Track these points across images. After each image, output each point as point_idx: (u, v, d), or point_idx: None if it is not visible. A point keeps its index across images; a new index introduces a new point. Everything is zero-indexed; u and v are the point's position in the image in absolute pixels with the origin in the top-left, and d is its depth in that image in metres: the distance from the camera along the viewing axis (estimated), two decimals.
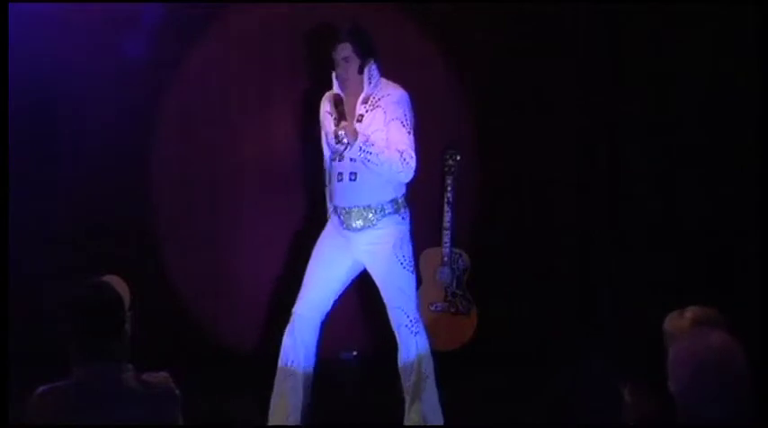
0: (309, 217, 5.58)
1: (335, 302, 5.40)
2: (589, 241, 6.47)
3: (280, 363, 5.32)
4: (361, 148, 5.13)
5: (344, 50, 5.24)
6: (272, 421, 5.33)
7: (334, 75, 5.31)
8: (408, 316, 5.28)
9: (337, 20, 5.89)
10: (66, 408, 3.23)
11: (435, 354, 5.44)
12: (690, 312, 3.37)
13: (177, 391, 3.38)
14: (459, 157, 6.34)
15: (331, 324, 6.39)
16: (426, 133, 6.41)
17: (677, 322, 3.38)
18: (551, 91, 6.44)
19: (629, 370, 3.74)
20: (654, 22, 6.29)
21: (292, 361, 5.30)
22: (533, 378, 6.08)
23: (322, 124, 5.42)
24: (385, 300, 5.31)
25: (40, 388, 3.29)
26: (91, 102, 6.27)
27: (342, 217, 5.29)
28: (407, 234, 5.34)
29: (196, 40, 6.37)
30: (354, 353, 6.50)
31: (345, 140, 5.16)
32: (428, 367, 5.29)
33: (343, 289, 5.41)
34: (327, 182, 5.44)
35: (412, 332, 5.27)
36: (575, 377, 5.62)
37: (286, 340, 5.31)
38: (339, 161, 5.23)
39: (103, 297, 3.34)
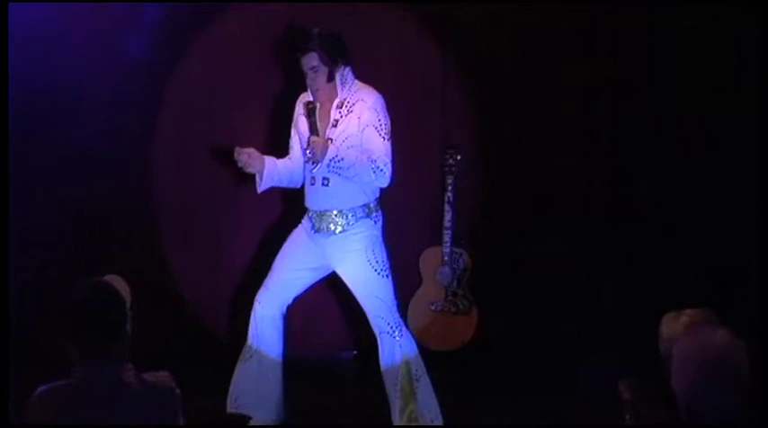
0: None
1: (298, 298, 5.40)
2: (589, 240, 6.47)
3: (244, 347, 5.36)
4: (329, 165, 5.09)
5: (311, 60, 5.14)
6: (231, 406, 5.36)
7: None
8: (389, 323, 5.24)
9: (335, 19, 5.90)
10: (67, 408, 3.23)
11: (436, 354, 5.44)
12: (686, 315, 3.35)
13: (178, 391, 3.38)
14: (459, 157, 6.34)
15: (330, 323, 6.42)
16: (427, 133, 6.44)
17: (673, 324, 3.36)
18: (552, 90, 6.44)
19: (629, 369, 3.73)
20: (654, 20, 6.29)
21: (250, 347, 5.33)
22: (533, 378, 6.08)
23: (295, 125, 5.38)
24: (364, 308, 5.29)
25: (41, 388, 3.28)
26: (91, 102, 6.28)
27: (313, 220, 5.27)
28: (379, 237, 5.27)
29: (196, 39, 6.37)
30: (354, 353, 6.50)
31: (312, 157, 5.14)
32: (419, 369, 5.26)
33: (306, 288, 5.42)
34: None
35: (394, 337, 5.24)
36: (575, 377, 5.62)
37: (249, 327, 5.35)
38: (313, 164, 5.21)
39: (104, 296, 3.34)
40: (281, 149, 5.50)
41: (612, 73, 6.41)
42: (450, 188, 6.34)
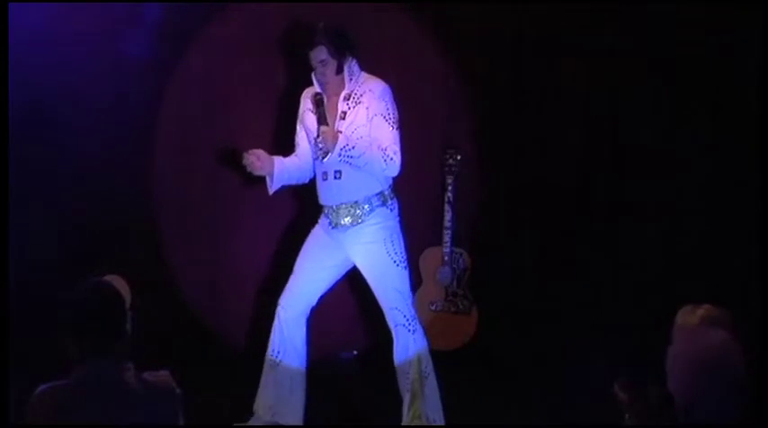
0: (311, 216, 5.57)
1: (322, 298, 5.40)
2: (589, 240, 6.47)
3: (267, 355, 5.35)
4: (340, 154, 5.10)
5: (320, 53, 5.18)
6: (256, 414, 5.35)
7: (313, 75, 5.29)
8: (405, 316, 5.26)
9: (335, 19, 5.90)
10: (67, 408, 3.23)
11: (436, 354, 5.43)
12: (702, 309, 3.34)
13: (178, 390, 3.38)
14: (459, 157, 6.34)
15: (331, 324, 6.41)
16: (426, 133, 6.43)
17: (688, 317, 3.36)
18: (551, 90, 6.44)
19: (628, 369, 3.73)
20: (654, 20, 6.29)
21: (278, 353, 5.32)
22: (533, 378, 6.08)
23: (301, 120, 5.39)
24: (380, 301, 5.29)
25: (41, 388, 3.28)
26: (90, 101, 6.28)
27: (330, 216, 5.28)
28: (397, 226, 5.30)
29: (196, 39, 6.37)
30: (355, 353, 6.50)
31: (323, 147, 5.15)
32: (428, 366, 5.28)
33: (329, 287, 5.42)
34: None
35: (409, 330, 5.26)
36: (575, 376, 5.62)
37: (273, 332, 5.34)
38: (323, 160, 5.22)
39: (104, 296, 3.34)
40: (282, 148, 5.50)
41: (612, 73, 6.40)
42: (450, 188, 6.34)
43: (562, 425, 5.54)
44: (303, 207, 6.08)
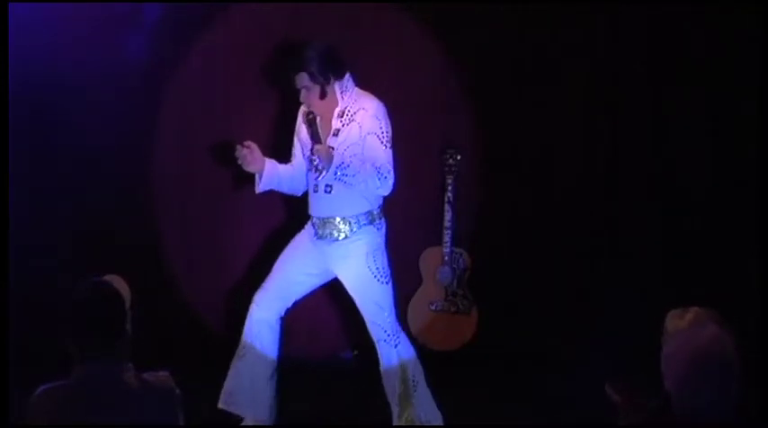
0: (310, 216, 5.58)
1: (297, 303, 5.41)
2: (589, 240, 6.47)
3: (239, 345, 5.35)
4: (336, 173, 5.09)
5: (302, 80, 5.12)
6: (222, 402, 5.36)
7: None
8: (386, 331, 5.26)
9: (335, 20, 5.91)
10: (67, 408, 3.24)
11: (436, 354, 5.44)
12: (691, 313, 3.35)
13: (178, 391, 3.38)
14: (459, 157, 6.34)
15: (330, 324, 6.42)
16: (426, 133, 6.43)
17: (677, 321, 3.37)
18: (552, 90, 6.44)
19: (628, 369, 3.74)
20: (654, 20, 6.29)
21: (244, 348, 5.34)
22: (533, 379, 6.08)
23: (297, 133, 5.38)
24: (362, 314, 5.31)
25: (41, 388, 3.29)
26: (91, 102, 6.27)
27: (316, 227, 5.28)
28: (382, 244, 5.28)
29: (196, 40, 6.37)
30: (355, 353, 6.50)
31: (318, 165, 5.15)
32: (416, 374, 5.28)
33: (305, 293, 5.43)
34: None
35: (391, 344, 5.26)
36: (574, 377, 5.63)
37: (245, 328, 5.36)
38: (317, 173, 5.20)
39: (104, 296, 3.34)
40: (282, 154, 5.50)
41: (613, 72, 6.40)
42: (450, 188, 6.34)
43: (562, 425, 5.54)
44: (304, 208, 6.09)
